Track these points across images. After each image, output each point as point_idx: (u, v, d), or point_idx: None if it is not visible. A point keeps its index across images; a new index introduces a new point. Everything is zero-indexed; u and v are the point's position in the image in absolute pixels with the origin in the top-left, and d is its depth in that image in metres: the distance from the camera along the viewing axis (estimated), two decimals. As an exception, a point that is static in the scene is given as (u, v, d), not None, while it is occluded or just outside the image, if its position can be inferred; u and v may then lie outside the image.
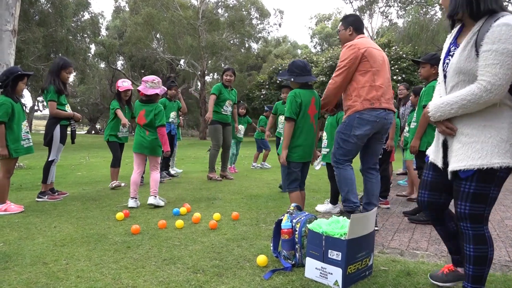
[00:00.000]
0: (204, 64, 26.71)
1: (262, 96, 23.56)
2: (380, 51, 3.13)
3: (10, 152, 3.61)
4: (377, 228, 3.25)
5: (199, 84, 28.12)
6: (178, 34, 24.47)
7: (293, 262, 2.29)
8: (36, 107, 36.95)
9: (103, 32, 30.32)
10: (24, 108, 3.99)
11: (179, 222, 3.14)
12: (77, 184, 5.50)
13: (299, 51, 40.96)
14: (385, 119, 3.04)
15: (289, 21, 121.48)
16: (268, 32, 31.96)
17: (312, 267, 2.12)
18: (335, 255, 2.02)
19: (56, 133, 4.20)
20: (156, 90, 3.97)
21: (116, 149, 5.05)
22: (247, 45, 30.38)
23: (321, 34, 41.25)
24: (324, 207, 3.94)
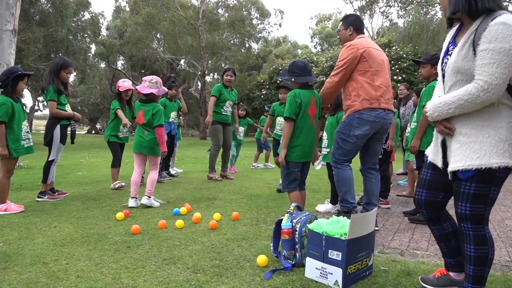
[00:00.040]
0: (205, 64, 26.71)
1: (263, 96, 23.59)
2: (380, 51, 3.13)
3: (10, 152, 3.61)
4: (377, 228, 3.25)
5: (199, 84, 28.13)
6: (179, 34, 24.47)
7: (293, 262, 2.29)
8: (37, 107, 36.98)
9: (104, 32, 30.38)
10: (25, 108, 3.98)
11: (179, 222, 3.14)
12: (77, 184, 5.50)
13: (300, 51, 40.95)
14: (385, 119, 3.04)
15: (290, 21, 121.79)
16: (269, 32, 31.97)
17: (312, 267, 2.12)
18: (335, 255, 2.02)
19: (56, 133, 4.19)
20: (153, 90, 3.95)
21: (117, 150, 5.06)
22: (248, 45, 30.38)
23: (322, 34, 41.25)
24: (324, 207, 3.95)
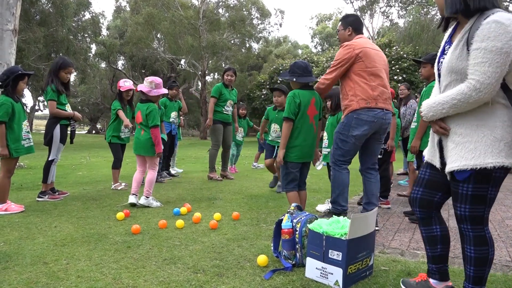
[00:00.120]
0: (205, 64, 26.71)
1: (263, 96, 23.59)
2: (378, 52, 3.14)
3: (11, 152, 3.61)
4: (378, 228, 3.25)
5: (200, 84, 28.13)
6: (179, 34, 24.47)
7: (294, 262, 2.29)
8: (37, 107, 36.99)
9: (104, 32, 30.36)
10: (25, 108, 3.98)
11: (180, 222, 3.14)
12: (78, 184, 5.50)
13: (300, 51, 40.91)
14: (383, 119, 3.05)
15: (290, 21, 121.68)
16: (269, 32, 31.99)
17: (313, 267, 2.12)
18: (336, 255, 2.02)
19: (56, 133, 4.19)
20: (144, 89, 3.95)
21: (117, 151, 5.05)
22: (248, 45, 30.38)
23: (322, 34, 41.26)
24: (325, 207, 3.94)
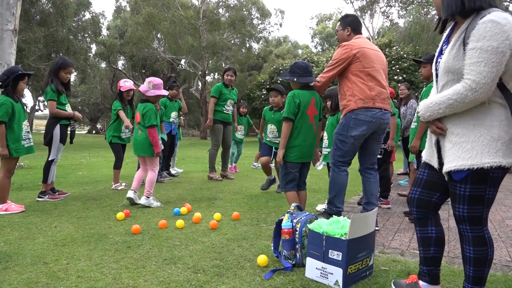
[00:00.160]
0: (205, 64, 26.72)
1: (263, 96, 23.58)
2: (377, 52, 3.15)
3: (11, 152, 3.61)
4: (378, 228, 3.26)
5: (200, 84, 28.13)
6: (179, 34, 24.47)
7: (294, 262, 2.29)
8: (37, 107, 37.01)
9: (104, 32, 30.36)
10: (25, 108, 3.98)
11: (180, 222, 3.14)
12: (78, 184, 5.50)
13: (300, 51, 40.92)
14: (382, 119, 3.05)
15: (290, 21, 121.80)
16: (269, 32, 32.00)
17: (313, 267, 2.12)
18: (336, 255, 2.02)
19: (56, 133, 4.19)
20: (141, 88, 4.03)
21: (118, 151, 5.06)
22: (248, 45, 30.38)
23: (322, 34, 41.26)
24: (324, 207, 3.94)
